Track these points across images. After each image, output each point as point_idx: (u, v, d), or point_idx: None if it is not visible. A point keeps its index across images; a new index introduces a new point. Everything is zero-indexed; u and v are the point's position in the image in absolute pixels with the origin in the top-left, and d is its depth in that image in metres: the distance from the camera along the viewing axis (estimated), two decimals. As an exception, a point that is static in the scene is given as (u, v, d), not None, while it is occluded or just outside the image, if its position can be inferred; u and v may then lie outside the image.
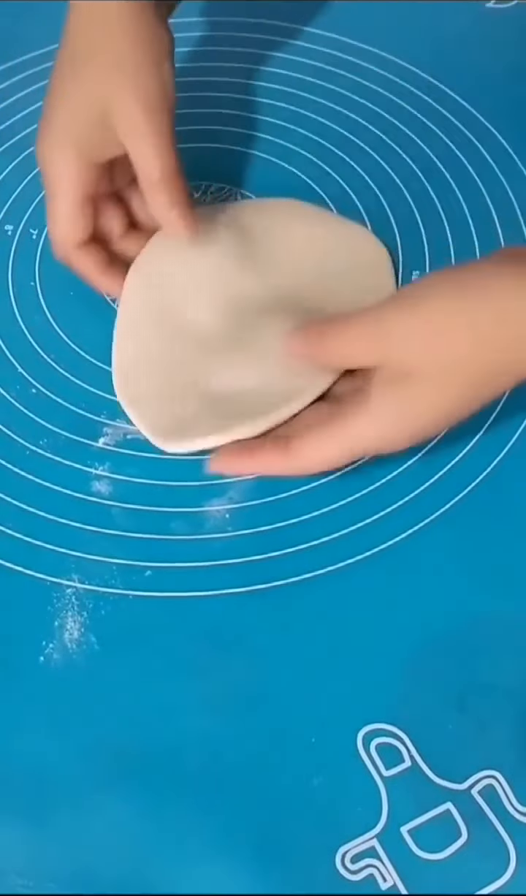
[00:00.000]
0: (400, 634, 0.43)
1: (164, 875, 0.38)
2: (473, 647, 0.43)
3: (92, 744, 0.41)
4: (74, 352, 0.52)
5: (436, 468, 0.47)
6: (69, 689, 0.42)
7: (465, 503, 0.46)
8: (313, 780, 0.40)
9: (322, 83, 0.62)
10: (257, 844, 0.39)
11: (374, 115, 0.61)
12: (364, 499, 0.47)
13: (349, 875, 0.38)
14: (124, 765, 0.40)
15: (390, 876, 0.38)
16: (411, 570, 0.45)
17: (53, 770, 0.40)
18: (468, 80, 0.62)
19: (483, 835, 0.39)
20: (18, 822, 0.39)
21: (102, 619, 0.44)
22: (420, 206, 0.56)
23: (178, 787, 0.40)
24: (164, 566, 0.45)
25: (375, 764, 0.40)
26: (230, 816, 0.39)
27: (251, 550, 0.45)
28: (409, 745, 0.40)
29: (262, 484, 0.47)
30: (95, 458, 0.48)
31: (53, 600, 0.44)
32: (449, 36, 0.65)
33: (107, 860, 0.39)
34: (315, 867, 0.38)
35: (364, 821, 0.39)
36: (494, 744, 0.40)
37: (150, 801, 0.40)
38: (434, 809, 0.39)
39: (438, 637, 0.43)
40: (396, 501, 0.46)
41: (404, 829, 0.39)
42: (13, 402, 0.50)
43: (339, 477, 0.47)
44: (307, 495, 0.47)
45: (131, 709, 0.42)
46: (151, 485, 0.47)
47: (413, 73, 0.62)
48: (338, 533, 0.46)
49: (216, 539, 0.46)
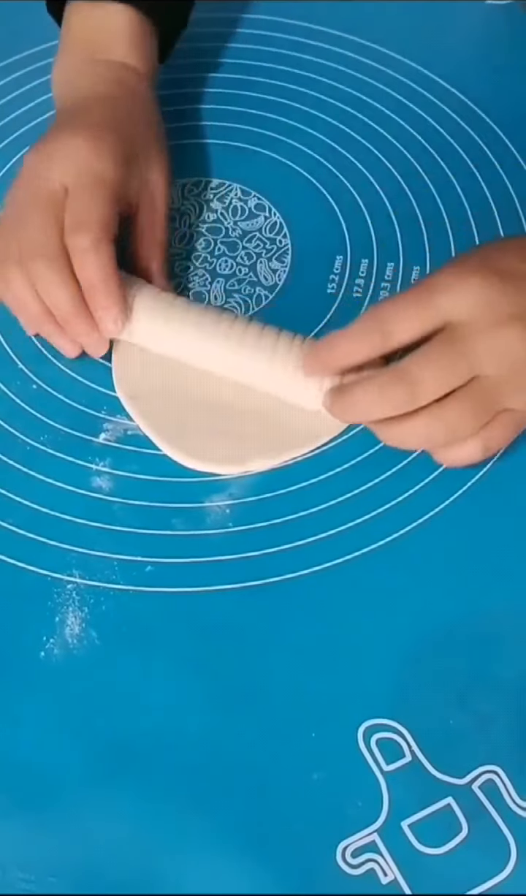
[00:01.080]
0: (400, 630, 0.43)
1: (165, 868, 0.38)
2: (473, 642, 0.43)
3: (93, 738, 0.41)
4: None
5: (435, 464, 0.47)
6: (70, 684, 0.42)
7: (464, 499, 0.46)
8: (314, 774, 0.40)
9: (322, 79, 0.62)
10: (258, 839, 0.39)
11: (374, 112, 0.61)
12: (364, 495, 0.47)
13: (350, 869, 0.38)
14: (125, 759, 0.40)
15: (391, 870, 0.38)
16: (412, 566, 0.45)
17: (54, 764, 0.40)
18: (469, 75, 0.62)
19: (484, 829, 0.39)
20: (20, 816, 0.39)
21: (103, 614, 0.44)
22: (420, 203, 0.56)
23: (178, 781, 0.40)
24: (164, 562, 0.45)
25: (376, 759, 0.40)
26: (231, 811, 0.39)
27: (251, 546, 0.45)
28: (409, 740, 0.40)
29: (262, 480, 0.47)
30: (96, 454, 0.48)
31: (54, 596, 0.44)
32: (451, 34, 0.65)
33: (107, 854, 0.39)
34: (316, 862, 0.38)
35: (365, 815, 0.39)
36: (495, 739, 0.40)
37: (151, 796, 0.40)
38: (435, 804, 0.39)
39: (438, 632, 0.43)
40: (395, 498, 0.46)
41: (405, 824, 0.39)
42: (14, 399, 0.50)
43: (339, 474, 0.47)
44: (307, 491, 0.47)
45: (132, 704, 0.42)
46: (152, 481, 0.47)
47: (415, 69, 0.62)
48: (338, 529, 0.46)
49: (216, 535, 0.46)
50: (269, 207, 0.57)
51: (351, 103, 0.61)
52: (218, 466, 0.47)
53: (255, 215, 0.57)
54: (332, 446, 0.48)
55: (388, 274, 0.54)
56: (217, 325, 0.48)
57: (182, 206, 0.57)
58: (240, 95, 0.61)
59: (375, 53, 0.63)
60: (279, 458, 0.47)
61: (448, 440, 0.42)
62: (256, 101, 0.61)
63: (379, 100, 0.61)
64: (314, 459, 0.48)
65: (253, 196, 0.57)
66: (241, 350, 0.47)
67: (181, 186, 0.58)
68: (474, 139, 0.59)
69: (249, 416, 0.48)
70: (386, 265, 0.54)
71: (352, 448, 0.48)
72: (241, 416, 0.48)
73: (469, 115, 0.60)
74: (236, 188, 0.58)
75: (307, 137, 0.60)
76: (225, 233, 0.56)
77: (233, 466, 0.47)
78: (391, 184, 0.57)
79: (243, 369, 0.48)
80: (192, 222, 0.56)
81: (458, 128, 0.59)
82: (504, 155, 0.58)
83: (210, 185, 0.58)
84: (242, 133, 0.60)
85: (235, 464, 0.47)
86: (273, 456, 0.47)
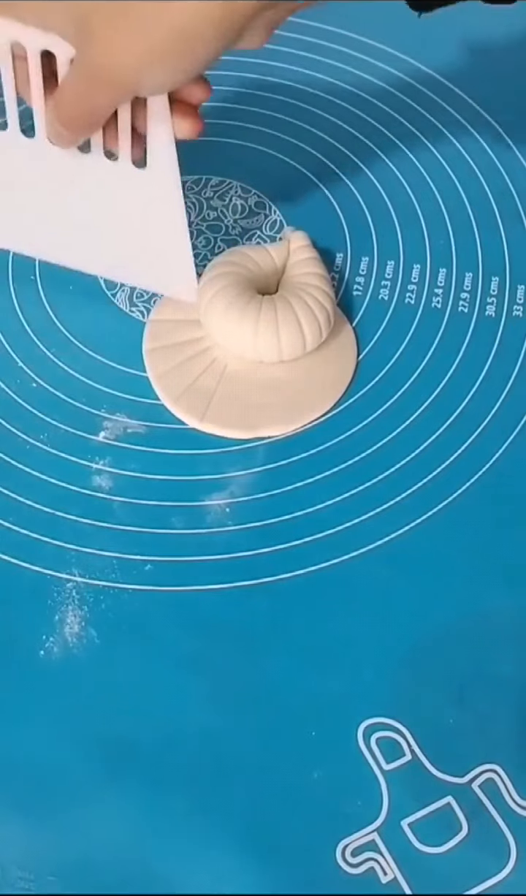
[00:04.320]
0: (400, 628, 0.43)
1: (165, 867, 0.38)
2: (473, 640, 0.43)
3: (92, 738, 0.41)
4: (75, 346, 0.52)
5: (436, 462, 0.47)
6: (69, 683, 0.42)
7: (465, 497, 0.46)
8: (313, 773, 0.40)
9: (323, 77, 0.62)
10: (257, 838, 0.39)
11: (375, 109, 0.60)
12: (364, 493, 0.47)
13: (350, 868, 0.38)
14: (125, 758, 0.40)
15: (391, 869, 0.38)
16: (412, 565, 0.45)
17: (54, 763, 0.40)
18: (470, 73, 0.62)
19: (484, 829, 0.39)
20: (19, 816, 0.39)
21: (103, 613, 0.44)
22: (420, 200, 0.56)
23: (178, 780, 0.40)
24: (164, 560, 0.45)
25: (376, 758, 0.40)
26: (231, 810, 0.39)
27: (251, 545, 0.45)
28: (409, 739, 0.40)
29: (262, 478, 0.47)
30: (96, 452, 0.48)
31: (54, 594, 0.44)
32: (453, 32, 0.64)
33: (107, 853, 0.39)
34: (315, 861, 0.38)
35: (364, 814, 0.39)
36: (495, 737, 0.40)
37: (151, 795, 0.40)
38: (435, 803, 0.39)
39: (438, 631, 0.43)
40: (395, 496, 0.46)
41: (405, 823, 0.39)
42: (13, 397, 0.50)
43: (339, 472, 0.47)
44: (307, 489, 0.47)
45: (132, 703, 0.42)
46: (152, 479, 0.47)
47: (416, 67, 0.62)
48: (338, 527, 0.46)
49: (216, 533, 0.46)
50: (269, 205, 0.57)
51: (352, 101, 0.61)
52: (230, 431, 0.49)
53: (256, 213, 0.57)
54: (330, 445, 0.48)
55: (388, 272, 0.54)
56: None
57: (182, 204, 0.57)
58: (239, 92, 0.61)
59: (377, 51, 0.63)
60: (292, 424, 0.48)
61: None
62: (256, 98, 0.61)
63: (380, 97, 0.61)
64: (313, 458, 0.48)
65: (253, 194, 0.57)
66: None
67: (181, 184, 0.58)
68: (476, 138, 0.59)
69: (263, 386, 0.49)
70: (386, 263, 0.54)
71: (351, 447, 0.48)
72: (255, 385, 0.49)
73: (471, 114, 0.60)
74: (236, 186, 0.58)
75: (308, 135, 0.60)
76: (225, 230, 0.56)
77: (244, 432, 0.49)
78: (392, 182, 0.57)
79: None
80: (191, 220, 0.56)
81: (460, 127, 0.59)
82: (506, 154, 0.58)
83: (210, 183, 0.58)
84: (243, 130, 0.60)
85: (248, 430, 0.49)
86: (287, 423, 0.49)
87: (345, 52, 0.63)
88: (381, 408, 0.49)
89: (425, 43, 0.63)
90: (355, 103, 0.61)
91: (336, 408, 0.49)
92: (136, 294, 0.53)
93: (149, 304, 0.53)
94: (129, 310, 0.53)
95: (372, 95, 0.61)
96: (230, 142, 0.60)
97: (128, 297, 0.53)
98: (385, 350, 0.51)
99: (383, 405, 0.49)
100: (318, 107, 0.61)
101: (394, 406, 0.49)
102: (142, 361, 0.51)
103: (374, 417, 0.49)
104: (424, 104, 0.61)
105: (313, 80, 0.62)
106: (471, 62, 0.63)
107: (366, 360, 0.51)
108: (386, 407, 0.49)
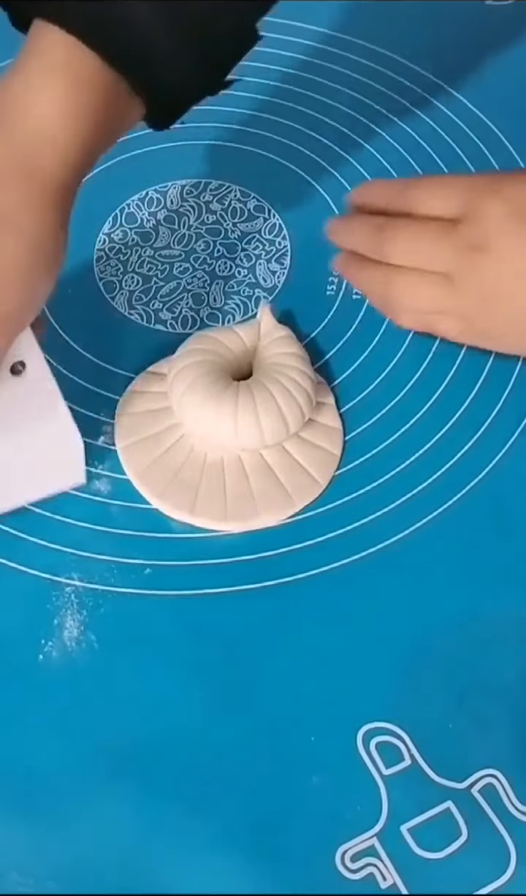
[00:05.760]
0: (400, 633, 0.43)
1: (164, 872, 0.38)
2: (473, 645, 0.43)
3: (91, 742, 0.41)
4: (74, 350, 0.52)
5: (435, 467, 0.47)
6: (68, 688, 0.42)
7: (464, 502, 0.46)
8: (313, 778, 0.40)
9: (322, 80, 0.62)
10: (257, 843, 0.39)
11: (374, 113, 0.61)
12: (364, 497, 0.47)
13: (349, 874, 0.38)
14: (124, 762, 0.40)
15: (390, 875, 0.38)
16: (411, 569, 0.45)
17: (53, 767, 0.40)
18: (468, 77, 0.62)
19: (483, 834, 0.39)
20: (18, 820, 0.39)
21: (102, 617, 0.44)
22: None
23: (177, 785, 0.40)
24: (163, 564, 0.45)
25: (375, 762, 0.40)
26: (230, 815, 0.39)
27: (250, 549, 0.45)
28: (409, 744, 0.40)
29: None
30: (95, 456, 0.48)
31: (53, 598, 0.44)
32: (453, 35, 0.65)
33: (106, 858, 0.38)
34: (315, 866, 0.38)
35: (364, 819, 0.39)
36: (495, 742, 0.40)
37: (150, 799, 0.40)
38: (434, 808, 0.39)
39: (438, 635, 0.43)
40: (395, 500, 0.46)
41: (404, 828, 0.39)
42: (12, 400, 0.50)
43: (339, 475, 0.47)
44: (307, 493, 0.47)
45: (131, 707, 0.42)
46: (151, 483, 0.47)
47: (413, 70, 0.62)
48: (338, 531, 0.46)
49: (215, 537, 0.46)
50: (268, 209, 0.57)
51: (351, 105, 0.61)
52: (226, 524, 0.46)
53: (255, 217, 0.57)
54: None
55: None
56: None
57: (181, 208, 0.57)
58: (239, 97, 0.61)
59: (376, 55, 0.63)
60: (286, 511, 0.46)
61: (386, 301, 0.47)
62: (256, 103, 0.61)
63: (379, 101, 0.61)
64: (313, 462, 0.48)
65: (252, 197, 0.57)
66: None
67: (180, 188, 0.58)
68: (475, 143, 0.59)
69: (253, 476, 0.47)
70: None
71: (352, 451, 0.48)
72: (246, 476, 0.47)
73: (471, 119, 0.60)
74: (236, 189, 0.58)
75: (307, 139, 0.60)
76: (224, 234, 0.56)
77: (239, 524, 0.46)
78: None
79: None
80: (191, 224, 0.56)
81: (459, 131, 0.59)
82: (506, 158, 0.58)
83: (209, 187, 0.58)
84: (242, 134, 0.60)
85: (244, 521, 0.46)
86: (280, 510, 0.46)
87: (344, 56, 0.63)
88: (380, 411, 0.49)
89: (425, 46, 0.63)
90: (354, 107, 0.61)
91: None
92: (135, 297, 0.53)
93: (147, 306, 0.53)
94: (128, 313, 0.53)
95: (371, 99, 0.61)
96: (229, 145, 0.60)
97: (127, 300, 0.53)
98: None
99: (382, 409, 0.49)
100: (317, 111, 0.61)
101: (394, 407, 0.49)
102: (140, 366, 0.50)
103: (373, 421, 0.49)
104: (423, 108, 0.61)
105: (312, 83, 0.62)
106: (471, 66, 0.63)
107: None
108: (385, 410, 0.49)
